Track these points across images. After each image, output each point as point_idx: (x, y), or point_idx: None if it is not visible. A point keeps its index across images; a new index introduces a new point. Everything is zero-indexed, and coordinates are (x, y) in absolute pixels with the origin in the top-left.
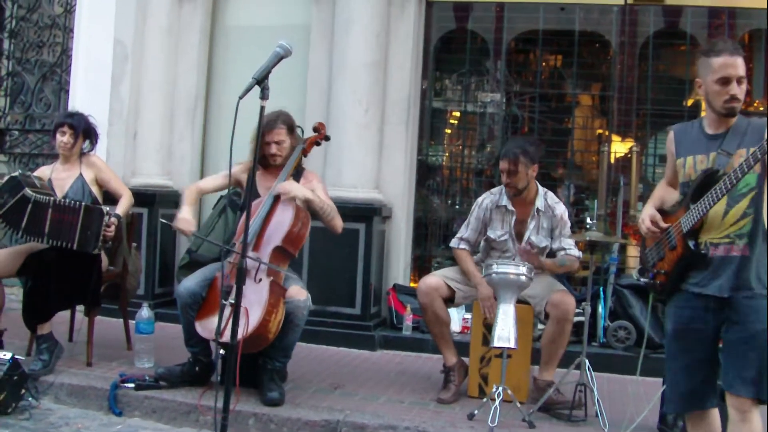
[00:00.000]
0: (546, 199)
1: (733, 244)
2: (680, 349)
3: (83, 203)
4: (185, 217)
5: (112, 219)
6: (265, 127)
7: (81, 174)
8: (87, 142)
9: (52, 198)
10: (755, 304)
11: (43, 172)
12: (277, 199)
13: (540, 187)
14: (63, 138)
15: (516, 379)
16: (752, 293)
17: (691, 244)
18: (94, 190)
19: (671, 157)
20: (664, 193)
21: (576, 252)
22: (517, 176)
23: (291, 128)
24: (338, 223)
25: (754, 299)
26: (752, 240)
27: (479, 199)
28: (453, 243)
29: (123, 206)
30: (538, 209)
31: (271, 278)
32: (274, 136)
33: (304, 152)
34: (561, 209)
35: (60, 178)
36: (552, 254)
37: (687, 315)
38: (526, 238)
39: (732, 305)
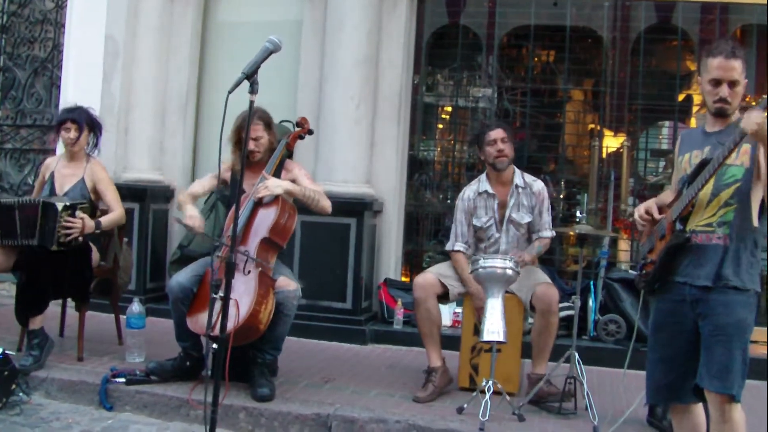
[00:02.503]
0: (523, 177)
1: (713, 232)
2: (659, 342)
3: (41, 200)
4: (195, 215)
5: (73, 221)
6: (241, 125)
7: (83, 178)
8: (92, 135)
9: (15, 199)
10: (726, 299)
11: (49, 163)
12: (258, 202)
13: (516, 168)
14: (68, 134)
15: (507, 370)
16: (726, 287)
17: (678, 227)
18: (93, 197)
19: (677, 161)
20: (667, 199)
21: (548, 233)
22: (509, 144)
23: (268, 124)
24: (325, 205)
25: (726, 294)
26: (733, 232)
27: (460, 194)
28: (449, 246)
29: (109, 218)
30: (516, 185)
31: (260, 269)
32: (251, 132)
33: (288, 147)
34: (539, 186)
35: (63, 174)
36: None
37: (667, 308)
38: (507, 216)
39: (706, 299)
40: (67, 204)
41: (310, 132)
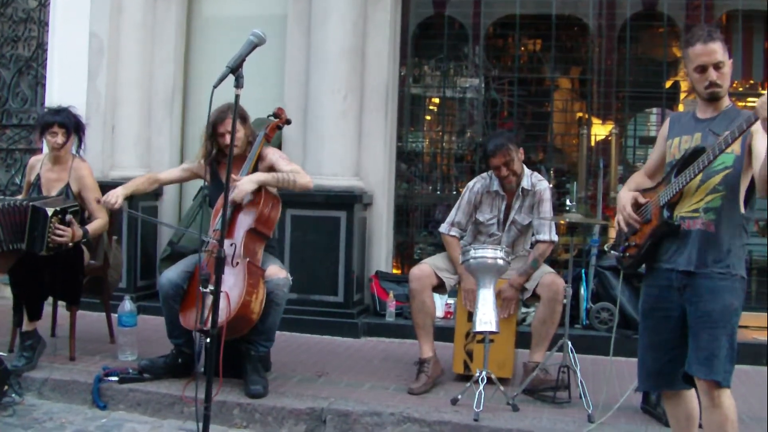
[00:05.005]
0: (531, 178)
1: (699, 218)
2: (648, 328)
3: (31, 204)
4: (115, 191)
5: (63, 229)
6: (217, 119)
7: (69, 183)
8: (76, 136)
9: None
10: (713, 284)
11: (34, 164)
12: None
13: (525, 168)
14: (55, 139)
15: (500, 356)
16: (711, 272)
17: (665, 214)
18: (79, 201)
19: (661, 141)
20: (641, 181)
21: (546, 236)
22: (513, 165)
23: (243, 118)
24: (304, 182)
25: (712, 279)
26: (720, 218)
27: (470, 183)
28: (443, 228)
29: (94, 226)
30: (523, 188)
31: (248, 260)
32: (225, 126)
33: (267, 138)
34: (542, 186)
35: (49, 179)
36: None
37: (655, 294)
38: (510, 219)
39: (692, 285)
40: (57, 209)
41: (288, 122)
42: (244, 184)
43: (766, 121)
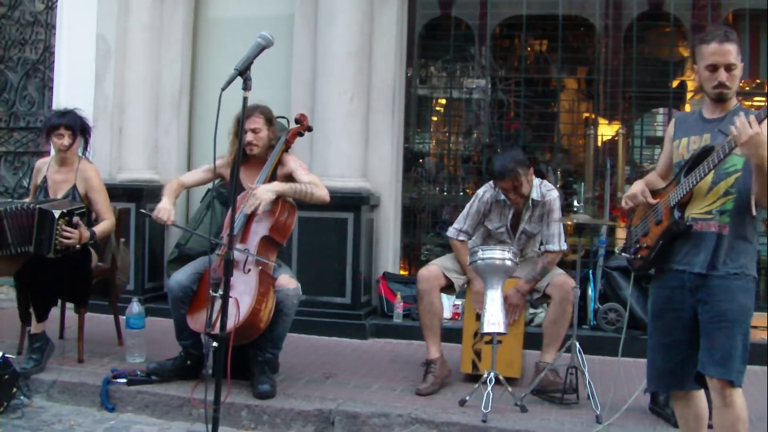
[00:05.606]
0: (540, 188)
1: (713, 220)
2: (658, 329)
3: (38, 206)
4: (165, 207)
5: (70, 231)
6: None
7: (75, 185)
8: (81, 138)
9: (2, 208)
10: (726, 284)
11: (40, 167)
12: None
13: (534, 179)
14: (62, 141)
15: (508, 355)
16: (725, 273)
17: (676, 215)
18: (86, 202)
19: (668, 142)
20: (654, 180)
21: (556, 246)
22: (521, 188)
23: (269, 120)
24: (321, 194)
25: (726, 279)
26: (733, 220)
27: (479, 192)
28: (451, 233)
29: (102, 227)
30: (532, 200)
31: (260, 268)
32: (251, 123)
33: (287, 143)
34: (551, 196)
35: (56, 180)
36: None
37: (666, 295)
38: (520, 229)
39: (706, 285)
40: (64, 211)
41: (310, 129)
42: (263, 194)
43: (744, 147)
